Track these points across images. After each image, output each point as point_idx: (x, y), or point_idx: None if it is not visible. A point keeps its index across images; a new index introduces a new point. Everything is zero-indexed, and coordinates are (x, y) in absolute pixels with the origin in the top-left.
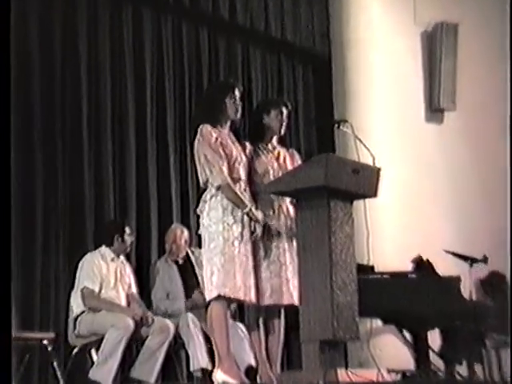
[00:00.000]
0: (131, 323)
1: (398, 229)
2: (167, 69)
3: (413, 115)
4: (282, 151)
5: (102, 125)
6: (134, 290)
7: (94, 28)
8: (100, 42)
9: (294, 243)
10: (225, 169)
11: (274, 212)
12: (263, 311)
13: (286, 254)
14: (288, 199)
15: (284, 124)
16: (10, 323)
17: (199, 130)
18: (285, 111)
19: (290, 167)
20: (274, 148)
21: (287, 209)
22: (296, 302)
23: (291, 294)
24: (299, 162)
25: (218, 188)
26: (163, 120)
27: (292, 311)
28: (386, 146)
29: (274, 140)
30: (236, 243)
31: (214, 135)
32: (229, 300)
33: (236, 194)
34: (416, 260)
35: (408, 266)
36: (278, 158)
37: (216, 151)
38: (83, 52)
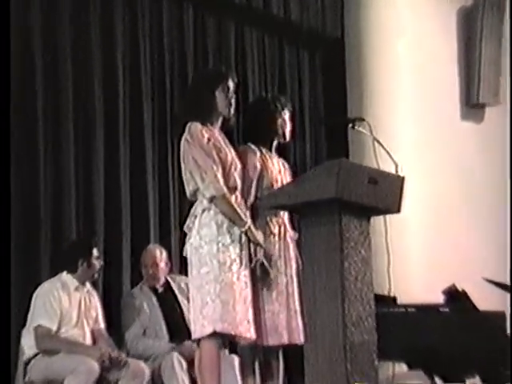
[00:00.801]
0: (96, 367)
1: (425, 251)
2: (143, 54)
3: (446, 112)
4: (279, 161)
5: (63, 121)
6: (102, 325)
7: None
8: (58, 19)
9: None
10: (220, 176)
11: (280, 231)
12: (260, 351)
13: (295, 282)
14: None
15: (288, 128)
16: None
17: (187, 129)
18: (288, 112)
19: (285, 181)
20: (274, 155)
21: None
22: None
23: (301, 330)
24: (290, 175)
25: (211, 200)
26: (138, 117)
27: (295, 351)
28: (411, 150)
29: (274, 146)
30: (234, 267)
31: (206, 135)
32: (224, 337)
33: (233, 207)
34: (449, 290)
35: (439, 298)
36: (280, 170)
37: (209, 155)
38: (37, 32)
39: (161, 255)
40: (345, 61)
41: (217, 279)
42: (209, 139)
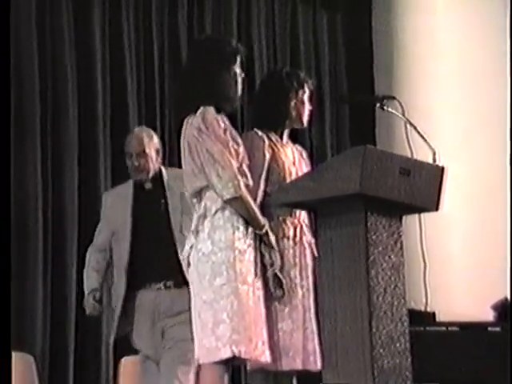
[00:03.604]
0: None
1: (470, 257)
2: (126, 24)
3: (496, 90)
4: (294, 148)
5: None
6: None
7: None
8: None
9: None
10: (239, 174)
11: (295, 234)
12: (271, 378)
13: (312, 296)
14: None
15: (306, 111)
16: None
17: (200, 115)
18: (307, 91)
19: (302, 173)
20: (287, 143)
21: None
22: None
23: (318, 354)
24: (308, 166)
25: (227, 201)
26: (122, 103)
27: (311, 379)
28: (452, 135)
29: (287, 133)
30: (249, 278)
31: (222, 125)
32: (232, 364)
33: (252, 208)
34: (499, 305)
35: (487, 314)
36: (294, 161)
37: (226, 148)
38: None
39: (150, 141)
40: (371, 25)
41: (235, 293)
42: (225, 130)
